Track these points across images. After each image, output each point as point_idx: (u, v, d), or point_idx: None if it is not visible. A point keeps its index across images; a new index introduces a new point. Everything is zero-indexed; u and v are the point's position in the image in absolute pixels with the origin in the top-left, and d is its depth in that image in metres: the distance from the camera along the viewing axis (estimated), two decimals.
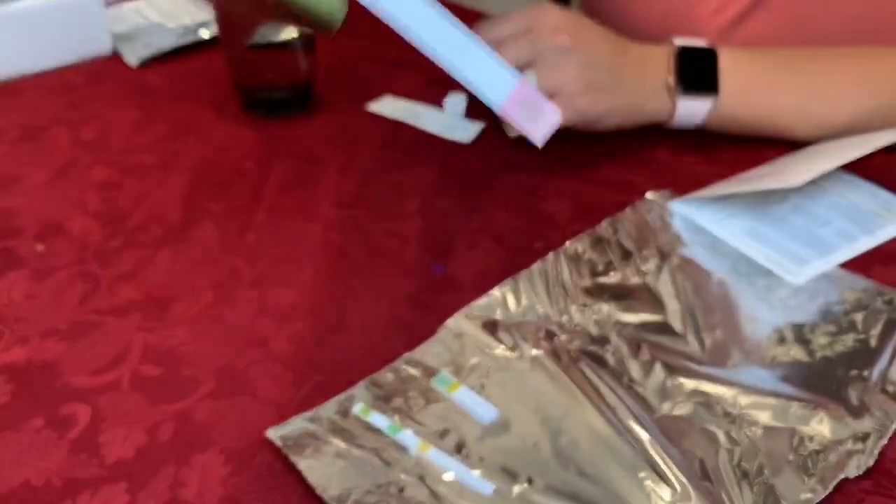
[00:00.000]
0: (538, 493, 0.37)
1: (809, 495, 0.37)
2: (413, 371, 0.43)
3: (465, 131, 0.65)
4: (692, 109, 0.60)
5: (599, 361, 0.44)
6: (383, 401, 0.41)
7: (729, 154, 0.61)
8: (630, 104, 0.59)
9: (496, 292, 0.47)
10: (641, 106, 0.60)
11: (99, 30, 0.77)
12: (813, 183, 0.55)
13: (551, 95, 0.56)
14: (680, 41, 0.60)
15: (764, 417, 0.41)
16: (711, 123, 0.61)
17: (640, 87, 0.59)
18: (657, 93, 0.59)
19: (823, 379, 0.43)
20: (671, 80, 0.59)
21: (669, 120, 0.61)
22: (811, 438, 0.39)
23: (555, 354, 0.44)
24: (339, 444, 0.39)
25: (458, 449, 0.39)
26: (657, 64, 0.59)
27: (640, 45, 0.60)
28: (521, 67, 0.57)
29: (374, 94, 0.69)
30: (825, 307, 0.47)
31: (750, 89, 0.59)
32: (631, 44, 0.60)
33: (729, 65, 0.59)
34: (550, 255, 0.50)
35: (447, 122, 0.66)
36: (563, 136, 0.64)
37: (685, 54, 0.59)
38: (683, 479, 0.37)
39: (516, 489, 0.37)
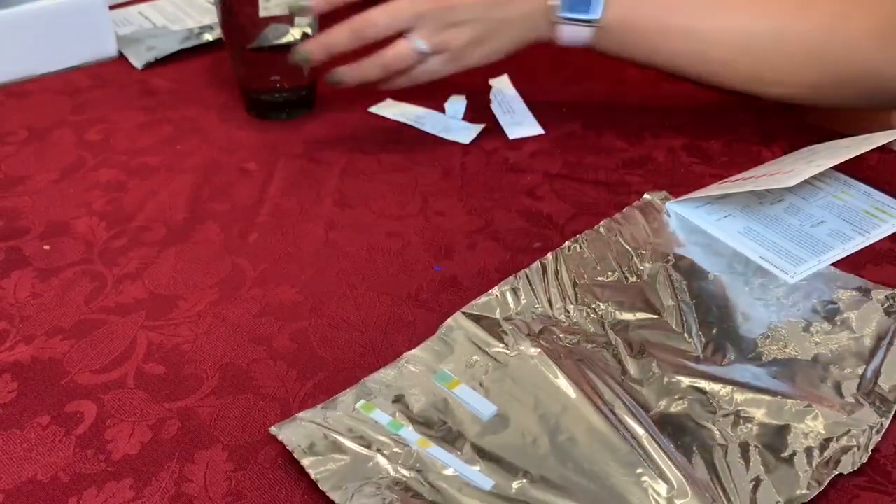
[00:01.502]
0: (536, 489, 0.38)
1: (804, 491, 0.37)
2: (414, 368, 0.44)
3: (465, 132, 0.65)
4: (576, 34, 0.60)
5: (597, 359, 0.44)
6: (384, 398, 0.42)
7: (725, 155, 0.62)
8: (515, 40, 0.60)
9: (496, 291, 0.48)
10: (526, 38, 0.61)
11: (104, 33, 0.77)
12: (807, 183, 0.56)
13: (438, 53, 0.58)
14: None
15: (759, 414, 0.41)
16: (597, 45, 0.61)
17: (523, 21, 0.60)
18: (540, 22, 0.60)
19: (818, 376, 0.43)
20: (554, 4, 0.59)
21: (555, 42, 0.61)
22: (806, 435, 0.40)
23: (553, 353, 0.44)
24: (341, 440, 0.39)
25: (458, 445, 0.40)
26: None
27: None
28: (404, 31, 0.58)
29: (376, 98, 0.70)
30: (819, 306, 0.47)
31: (637, 9, 0.59)
32: None
33: None
34: (549, 255, 0.51)
35: (447, 123, 0.67)
36: (564, 139, 0.65)
37: None
38: (680, 476, 0.38)
39: (515, 485, 0.38)
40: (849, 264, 0.50)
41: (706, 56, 0.59)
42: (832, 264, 0.50)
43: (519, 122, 0.67)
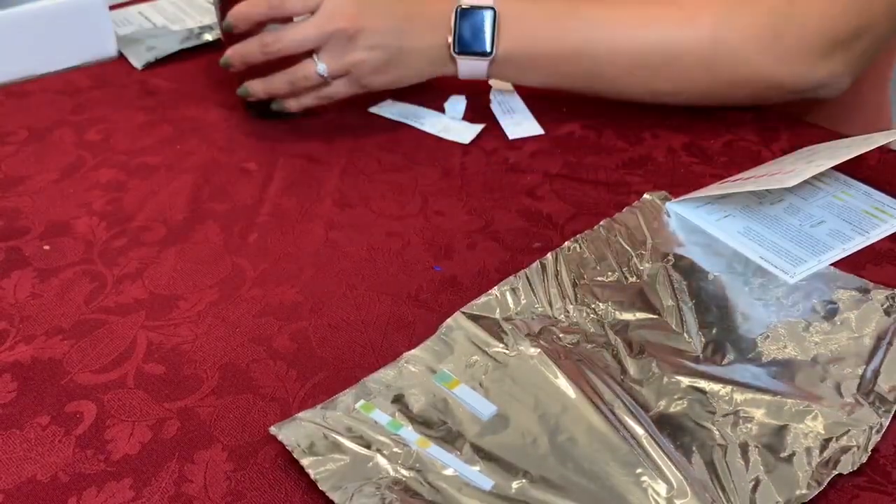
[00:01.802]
0: (536, 489, 0.38)
1: (804, 491, 0.37)
2: (414, 368, 0.44)
3: (465, 132, 0.65)
4: (473, 67, 0.63)
5: (597, 359, 0.44)
6: (384, 398, 0.42)
7: (725, 155, 0.62)
8: (415, 71, 0.63)
9: (495, 291, 0.48)
10: (425, 70, 0.64)
11: (104, 33, 0.77)
12: (807, 183, 0.56)
13: (340, 76, 0.61)
14: None
15: (759, 414, 0.41)
16: (495, 76, 0.64)
17: (423, 54, 0.62)
18: (440, 57, 0.63)
19: (818, 376, 0.43)
20: (451, 41, 0.61)
21: (456, 76, 0.64)
22: (805, 435, 0.40)
23: (553, 353, 0.44)
24: (340, 440, 0.40)
25: (458, 445, 0.40)
26: (439, 27, 0.62)
27: (429, 4, 0.63)
28: (309, 53, 0.61)
29: (376, 98, 0.70)
30: (819, 306, 0.47)
31: (532, 38, 0.62)
32: (418, 5, 0.63)
33: (509, 22, 0.61)
34: (549, 255, 0.51)
35: (447, 123, 0.67)
36: (564, 139, 0.65)
37: (466, 15, 0.61)
38: (680, 476, 0.38)
39: (515, 484, 0.38)
40: (849, 264, 0.50)
41: (601, 74, 0.63)
42: (832, 264, 0.50)
43: (519, 122, 0.67)
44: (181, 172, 0.62)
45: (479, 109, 0.68)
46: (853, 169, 0.58)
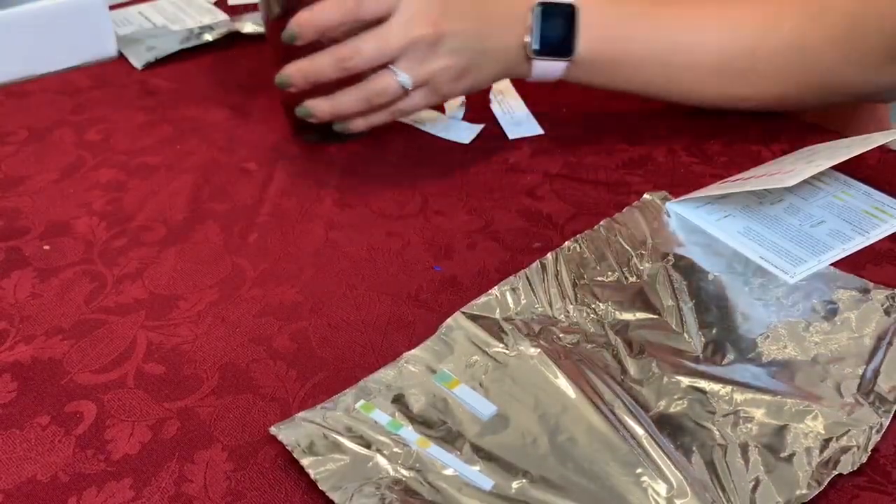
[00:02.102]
0: (536, 489, 0.38)
1: (804, 491, 0.37)
2: (414, 368, 0.44)
3: (465, 132, 0.65)
4: (548, 69, 0.59)
5: (597, 359, 0.44)
6: (384, 398, 0.42)
7: (725, 155, 0.62)
8: (490, 75, 0.59)
9: (495, 291, 0.48)
10: (500, 73, 0.60)
11: (104, 33, 0.77)
12: (807, 183, 0.56)
13: (419, 87, 0.56)
14: None
15: (759, 414, 0.41)
16: (570, 78, 0.60)
17: (500, 56, 0.58)
18: (516, 59, 0.59)
19: (818, 376, 0.43)
20: (528, 42, 0.57)
21: (526, 77, 0.61)
22: (805, 435, 0.40)
23: (553, 353, 0.44)
24: (340, 440, 0.40)
25: (458, 445, 0.40)
26: (517, 25, 0.57)
27: (504, 2, 0.58)
28: (385, 64, 0.55)
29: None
30: (819, 306, 0.47)
31: (610, 42, 0.59)
32: (494, 3, 0.58)
33: (588, 23, 0.58)
34: (549, 255, 0.51)
35: (447, 123, 0.67)
36: (564, 139, 0.65)
37: (548, 12, 0.57)
38: (680, 476, 0.38)
39: (515, 485, 0.38)
40: (849, 264, 0.50)
41: (679, 80, 0.60)
42: (832, 264, 0.50)
43: (519, 122, 0.67)
44: (181, 172, 0.62)
45: (479, 109, 0.68)
46: (853, 169, 0.58)
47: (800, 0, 0.59)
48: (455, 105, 0.67)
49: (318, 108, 0.57)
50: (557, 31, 0.57)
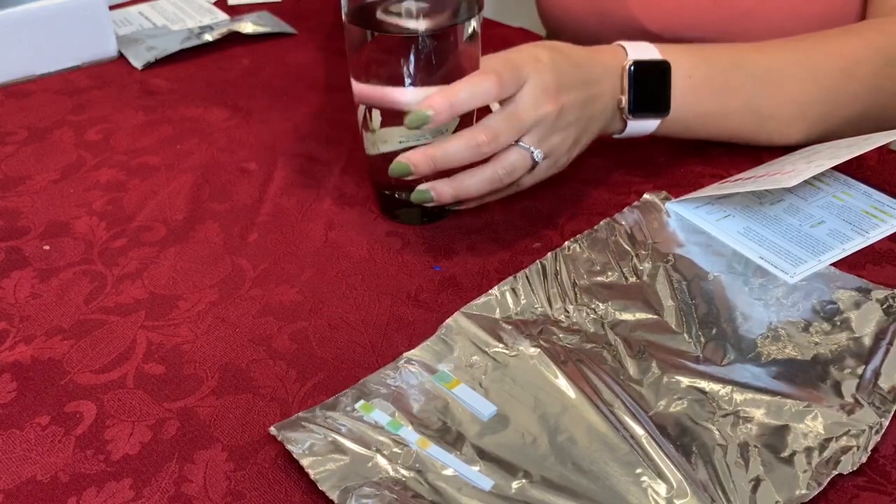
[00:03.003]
0: (536, 489, 0.38)
1: (804, 491, 0.37)
2: (413, 369, 0.44)
3: None
4: (642, 127, 0.59)
5: (597, 359, 0.44)
6: (384, 398, 0.42)
7: (725, 156, 0.62)
8: (592, 136, 0.58)
9: (495, 291, 0.48)
10: (601, 132, 0.58)
11: (104, 33, 0.77)
12: (807, 183, 0.56)
13: (545, 158, 0.53)
14: (633, 51, 0.57)
15: (759, 414, 0.41)
16: (660, 132, 0.60)
17: (602, 117, 0.57)
18: (612, 117, 0.58)
19: (817, 376, 0.43)
20: (623, 101, 0.57)
21: (618, 134, 0.59)
22: (805, 435, 0.40)
23: (553, 353, 0.44)
24: (340, 440, 0.40)
25: (458, 445, 0.40)
26: (612, 86, 0.56)
27: (598, 62, 0.56)
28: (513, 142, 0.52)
29: None
30: (819, 306, 0.47)
31: (700, 96, 0.59)
32: (590, 66, 0.56)
33: (680, 79, 0.57)
34: (549, 255, 0.51)
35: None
36: None
37: (642, 72, 0.56)
38: (679, 476, 0.38)
39: (515, 484, 0.38)
40: (849, 264, 0.50)
41: (765, 128, 0.60)
42: (832, 264, 0.50)
43: None
44: (181, 172, 0.62)
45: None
46: (853, 169, 0.58)
47: (875, 42, 0.60)
48: None
49: (442, 192, 0.52)
50: (652, 90, 0.57)
